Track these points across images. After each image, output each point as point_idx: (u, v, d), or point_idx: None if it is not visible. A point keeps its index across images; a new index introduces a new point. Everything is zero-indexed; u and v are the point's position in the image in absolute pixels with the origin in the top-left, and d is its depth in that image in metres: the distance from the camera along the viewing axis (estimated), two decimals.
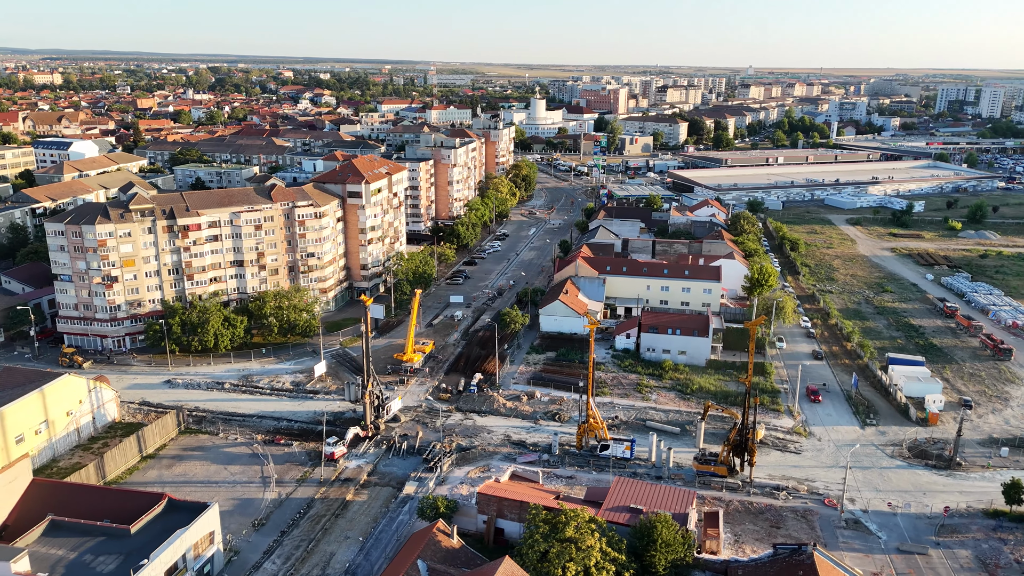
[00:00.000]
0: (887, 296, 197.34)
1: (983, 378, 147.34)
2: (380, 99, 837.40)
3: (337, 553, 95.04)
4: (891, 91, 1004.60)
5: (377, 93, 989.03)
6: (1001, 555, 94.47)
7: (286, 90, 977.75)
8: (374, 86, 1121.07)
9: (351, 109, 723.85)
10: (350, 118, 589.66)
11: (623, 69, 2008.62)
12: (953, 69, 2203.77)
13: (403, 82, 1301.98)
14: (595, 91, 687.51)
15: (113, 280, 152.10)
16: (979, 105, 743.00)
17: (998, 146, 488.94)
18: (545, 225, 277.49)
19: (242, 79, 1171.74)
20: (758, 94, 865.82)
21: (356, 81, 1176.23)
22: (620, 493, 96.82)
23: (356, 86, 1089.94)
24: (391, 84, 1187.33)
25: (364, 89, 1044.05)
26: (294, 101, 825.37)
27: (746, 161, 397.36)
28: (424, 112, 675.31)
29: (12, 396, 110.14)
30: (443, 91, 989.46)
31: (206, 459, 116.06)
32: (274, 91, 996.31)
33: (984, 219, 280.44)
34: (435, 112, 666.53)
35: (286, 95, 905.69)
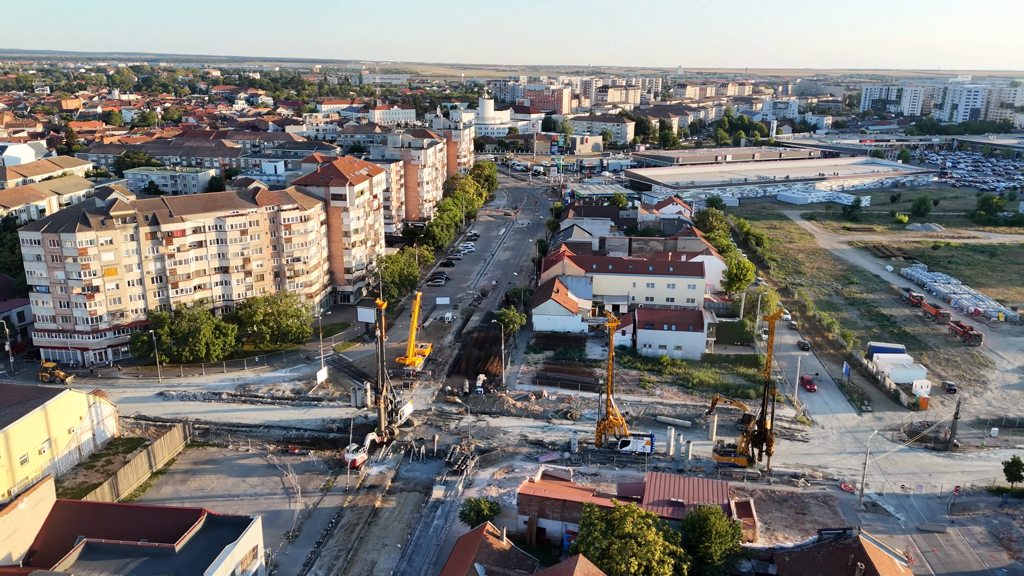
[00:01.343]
0: (854, 287, 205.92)
1: (959, 363, 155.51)
2: (319, 99, 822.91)
3: (379, 561, 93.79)
4: (816, 91, 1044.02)
5: (314, 93, 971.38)
6: (1012, 529, 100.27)
7: (217, 90, 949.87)
8: (309, 86, 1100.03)
9: (291, 109, 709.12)
10: (293, 119, 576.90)
11: (556, 69, 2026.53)
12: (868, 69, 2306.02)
13: (337, 82, 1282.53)
14: (539, 91, 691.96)
15: (94, 290, 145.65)
16: (900, 104, 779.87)
17: (925, 143, 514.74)
18: (513, 225, 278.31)
19: (168, 79, 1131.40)
20: (694, 94, 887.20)
21: (291, 81, 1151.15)
22: (657, 488, 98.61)
23: (291, 86, 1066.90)
24: (326, 84, 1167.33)
25: (299, 89, 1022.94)
26: (229, 101, 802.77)
27: (697, 159, 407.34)
28: (367, 112, 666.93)
29: (14, 415, 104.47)
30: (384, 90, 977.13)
31: (220, 472, 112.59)
32: (205, 91, 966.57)
33: (927, 212, 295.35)
34: (379, 112, 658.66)
35: (219, 95, 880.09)
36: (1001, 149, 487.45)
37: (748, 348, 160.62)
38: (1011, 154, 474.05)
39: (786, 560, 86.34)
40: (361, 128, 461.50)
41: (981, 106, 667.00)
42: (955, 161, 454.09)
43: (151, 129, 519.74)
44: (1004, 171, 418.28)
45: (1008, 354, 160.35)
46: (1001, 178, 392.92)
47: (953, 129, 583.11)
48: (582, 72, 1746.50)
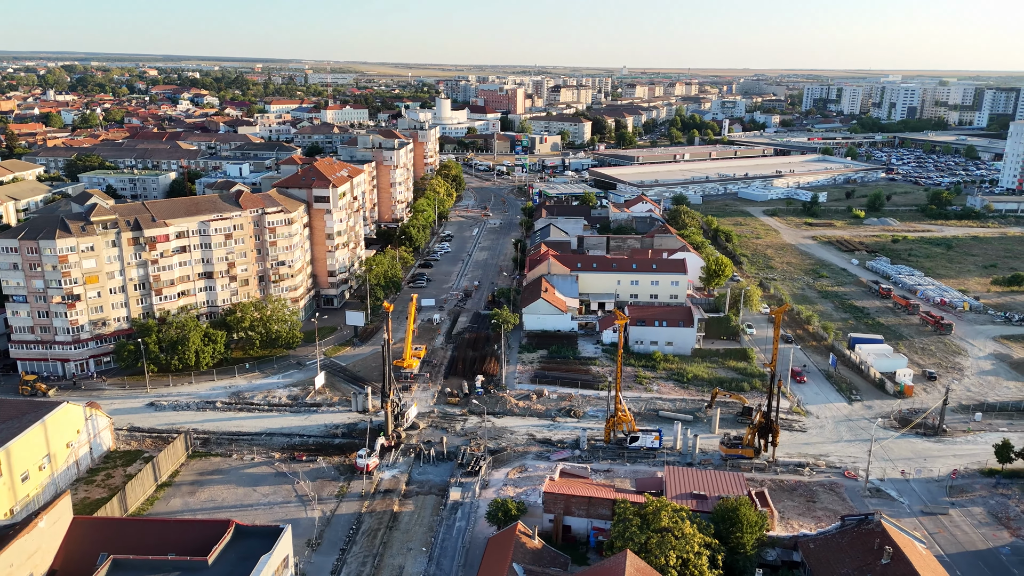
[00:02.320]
0: (825, 281, 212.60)
1: (934, 352, 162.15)
2: (267, 99, 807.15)
3: (406, 565, 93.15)
4: (759, 90, 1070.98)
5: (260, 93, 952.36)
6: (1009, 508, 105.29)
7: (158, 90, 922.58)
8: (254, 85, 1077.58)
9: (240, 110, 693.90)
10: (244, 119, 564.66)
11: (503, 69, 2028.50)
12: (804, 70, 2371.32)
13: (282, 81, 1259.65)
14: (492, 91, 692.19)
15: (75, 299, 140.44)
16: (841, 103, 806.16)
17: (869, 140, 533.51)
18: (486, 225, 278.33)
19: (104, 79, 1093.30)
20: (643, 93, 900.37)
21: (235, 81, 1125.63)
22: (676, 481, 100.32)
23: (235, 86, 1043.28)
24: (272, 84, 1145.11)
25: (245, 89, 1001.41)
26: (172, 102, 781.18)
27: (656, 158, 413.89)
28: (319, 112, 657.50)
29: (12, 430, 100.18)
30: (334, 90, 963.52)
31: (229, 482, 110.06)
32: (144, 91, 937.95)
33: (882, 207, 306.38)
34: (331, 112, 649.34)
35: (160, 95, 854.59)
36: (940, 146, 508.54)
37: (735, 342, 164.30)
38: (950, 150, 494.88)
39: (811, 547, 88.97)
40: (318, 129, 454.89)
41: (917, 104, 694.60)
42: (899, 158, 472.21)
43: (95, 131, 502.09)
44: (946, 167, 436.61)
45: (978, 342, 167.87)
46: (944, 174, 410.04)
47: (893, 127, 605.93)
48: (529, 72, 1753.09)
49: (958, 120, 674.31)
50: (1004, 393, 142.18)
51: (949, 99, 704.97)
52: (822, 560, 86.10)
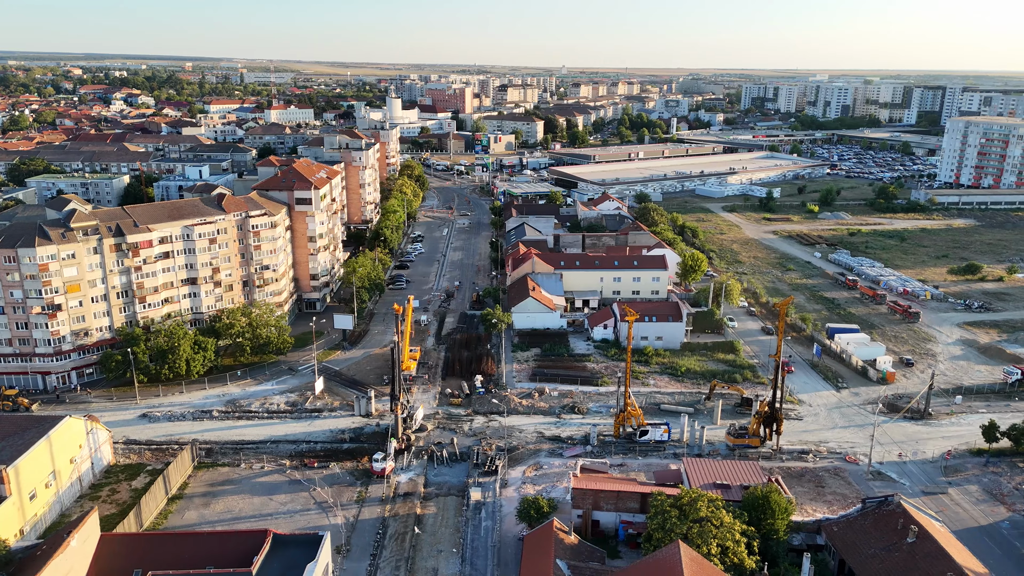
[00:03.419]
0: (792, 274, 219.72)
1: (906, 339, 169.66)
2: (205, 99, 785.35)
3: (440, 568, 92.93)
4: (698, 89, 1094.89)
5: (196, 93, 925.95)
6: (1002, 485, 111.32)
7: (87, 90, 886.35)
8: (188, 85, 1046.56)
9: (178, 110, 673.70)
10: (186, 120, 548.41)
11: (442, 68, 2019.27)
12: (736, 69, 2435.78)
13: (216, 80, 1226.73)
14: (440, 90, 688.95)
15: (56, 308, 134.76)
16: (777, 101, 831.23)
17: (809, 137, 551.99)
18: (454, 225, 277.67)
19: (27, 78, 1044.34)
20: (588, 93, 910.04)
21: (168, 80, 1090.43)
22: (696, 472, 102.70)
23: (168, 85, 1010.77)
24: (207, 83, 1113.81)
25: (179, 89, 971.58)
26: (104, 102, 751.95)
27: (611, 157, 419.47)
28: (262, 112, 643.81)
29: (17, 447, 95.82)
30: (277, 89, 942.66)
31: (242, 492, 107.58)
32: (72, 91, 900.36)
33: (833, 202, 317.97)
34: (275, 112, 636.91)
35: (91, 95, 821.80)
36: (876, 142, 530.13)
37: (719, 336, 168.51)
38: (886, 147, 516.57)
39: (835, 530, 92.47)
40: (268, 129, 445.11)
41: (850, 103, 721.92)
42: (839, 154, 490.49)
43: (28, 133, 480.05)
44: (884, 162, 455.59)
45: (944, 328, 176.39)
46: (884, 169, 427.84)
47: (830, 124, 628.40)
48: (468, 71, 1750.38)
49: (888, 117, 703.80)
50: (977, 377, 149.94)
51: (879, 97, 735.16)
52: (848, 542, 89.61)
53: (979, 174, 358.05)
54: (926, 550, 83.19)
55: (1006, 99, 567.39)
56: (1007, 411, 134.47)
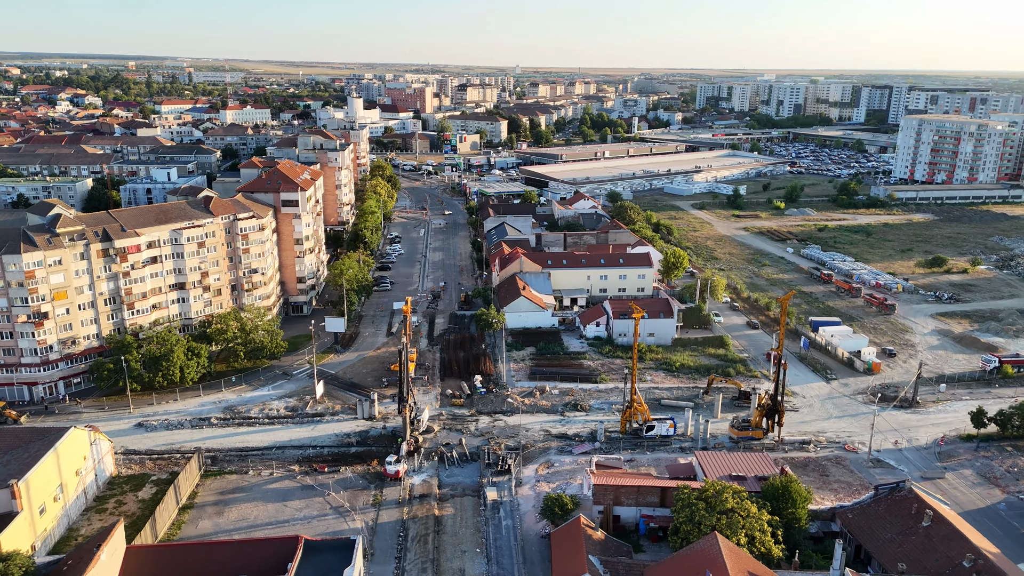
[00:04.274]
0: (768, 269, 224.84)
1: (884, 331, 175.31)
2: (156, 99, 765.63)
3: (466, 568, 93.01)
4: (653, 89, 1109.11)
5: (144, 93, 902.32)
6: (994, 469, 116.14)
7: (29, 90, 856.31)
8: (135, 85, 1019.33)
9: (129, 111, 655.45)
10: (139, 121, 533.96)
11: (395, 67, 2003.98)
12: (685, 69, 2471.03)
13: (163, 80, 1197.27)
14: (400, 90, 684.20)
15: (43, 317, 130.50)
16: (731, 101, 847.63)
17: (766, 136, 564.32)
18: (430, 225, 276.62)
19: None
20: (546, 92, 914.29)
21: (113, 80, 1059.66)
22: (711, 465, 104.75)
23: (115, 85, 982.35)
24: (154, 83, 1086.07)
25: (126, 89, 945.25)
26: (49, 103, 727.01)
27: (578, 156, 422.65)
28: (217, 113, 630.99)
29: (24, 461, 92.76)
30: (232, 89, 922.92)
31: (255, 499, 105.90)
32: (12, 91, 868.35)
33: (798, 199, 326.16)
34: (230, 112, 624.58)
35: (34, 96, 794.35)
36: (831, 140, 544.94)
37: (707, 331, 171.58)
38: (840, 144, 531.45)
39: (849, 516, 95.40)
40: (229, 130, 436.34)
41: (802, 102, 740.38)
42: (797, 152, 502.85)
43: None
44: (840, 159, 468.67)
45: (919, 320, 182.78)
46: (840, 166, 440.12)
47: (785, 123, 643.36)
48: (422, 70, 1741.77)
49: (838, 116, 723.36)
50: (956, 365, 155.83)
51: (829, 96, 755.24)
52: (864, 528, 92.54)
53: (932, 170, 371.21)
54: (942, 532, 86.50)
55: (951, 97, 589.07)
56: (989, 397, 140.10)
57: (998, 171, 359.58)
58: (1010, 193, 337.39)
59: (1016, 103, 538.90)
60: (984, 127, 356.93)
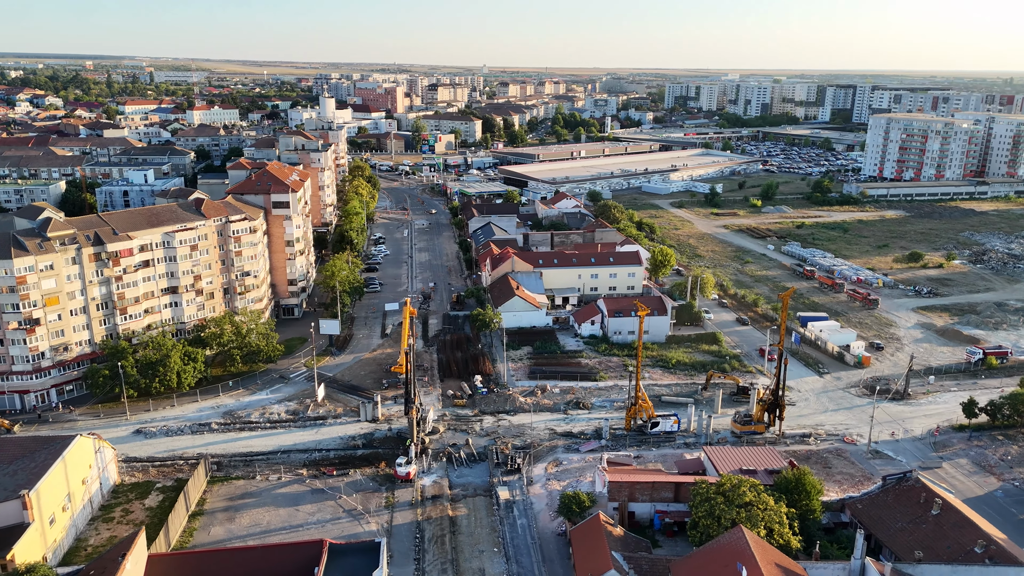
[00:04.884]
0: (752, 266, 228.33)
1: (870, 325, 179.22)
2: (120, 100, 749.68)
3: (486, 568, 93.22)
4: (621, 88, 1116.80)
5: (105, 93, 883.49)
6: (988, 457, 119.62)
7: None
8: (96, 85, 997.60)
9: (92, 111, 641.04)
10: (104, 122, 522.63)
11: (361, 67, 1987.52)
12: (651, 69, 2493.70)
13: (124, 80, 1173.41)
14: (370, 89, 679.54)
15: (35, 323, 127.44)
16: (699, 100, 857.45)
17: (736, 135, 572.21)
18: (413, 226, 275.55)
19: None
20: (516, 92, 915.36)
21: (73, 80, 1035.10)
22: (722, 460, 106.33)
23: (75, 85, 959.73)
24: (115, 83, 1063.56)
25: (86, 89, 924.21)
26: (8, 103, 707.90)
27: (554, 155, 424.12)
28: (183, 113, 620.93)
29: (32, 470, 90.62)
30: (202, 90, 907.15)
31: (265, 504, 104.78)
32: None
33: (774, 196, 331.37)
34: (197, 113, 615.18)
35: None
36: (799, 139, 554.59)
37: (699, 328, 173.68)
38: (808, 143, 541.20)
39: (859, 507, 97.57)
40: (201, 131, 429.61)
41: (769, 101, 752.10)
42: (767, 150, 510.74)
43: None
44: (810, 157, 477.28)
45: (901, 314, 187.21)
46: (811, 164, 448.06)
47: (753, 122, 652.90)
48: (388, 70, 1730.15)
49: (804, 115, 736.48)
50: (941, 358, 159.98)
51: (795, 96, 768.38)
52: (874, 518, 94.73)
53: (901, 168, 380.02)
54: (952, 520, 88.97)
55: (914, 96, 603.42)
56: (975, 388, 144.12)
57: (964, 168, 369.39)
58: (976, 189, 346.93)
59: (976, 102, 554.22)
60: (950, 125, 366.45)
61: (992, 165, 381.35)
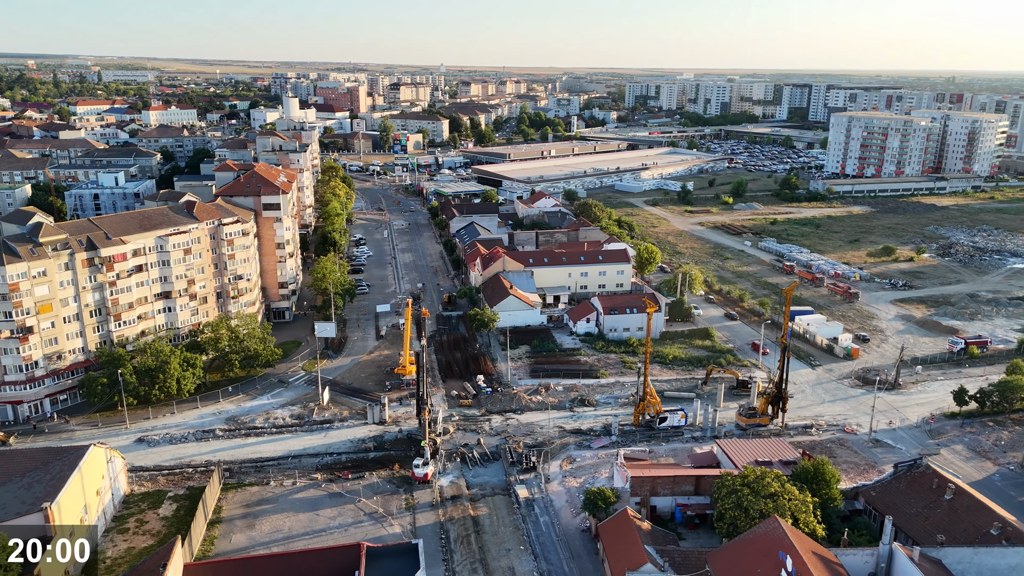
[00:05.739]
0: (732, 262, 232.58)
1: (852, 318, 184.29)
2: (69, 100, 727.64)
3: (515, 566, 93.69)
4: (581, 88, 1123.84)
5: (51, 93, 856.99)
6: (982, 443, 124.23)
7: None
8: (42, 84, 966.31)
9: (41, 112, 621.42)
10: (57, 123, 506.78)
11: (315, 66, 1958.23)
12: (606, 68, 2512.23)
13: (70, 80, 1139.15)
14: (332, 89, 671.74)
15: (28, 331, 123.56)
16: (660, 99, 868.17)
17: (699, 133, 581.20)
18: (392, 226, 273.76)
19: None
20: (479, 91, 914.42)
21: (18, 79, 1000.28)
22: (737, 452, 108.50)
23: (20, 85, 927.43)
24: (63, 83, 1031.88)
25: (32, 89, 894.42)
26: None
27: (525, 155, 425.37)
28: (139, 113, 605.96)
29: (47, 481, 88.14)
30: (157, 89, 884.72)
31: (284, 510, 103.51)
32: None
33: (744, 194, 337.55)
34: (154, 113, 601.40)
35: None
36: (760, 137, 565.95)
37: (691, 324, 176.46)
38: (770, 141, 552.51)
39: (872, 494, 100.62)
40: (164, 132, 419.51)
41: (728, 100, 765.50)
42: (731, 148, 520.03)
43: None
44: (772, 155, 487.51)
45: (881, 306, 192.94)
46: (775, 161, 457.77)
47: (715, 121, 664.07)
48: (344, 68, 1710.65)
49: (762, 113, 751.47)
50: (924, 348, 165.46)
51: (753, 95, 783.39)
52: (888, 504, 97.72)
53: (862, 164, 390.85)
54: (965, 504, 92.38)
55: (868, 95, 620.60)
56: (961, 377, 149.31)
57: (923, 164, 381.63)
58: (935, 185, 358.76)
59: (928, 100, 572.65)
60: (910, 123, 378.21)
61: (948, 161, 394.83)
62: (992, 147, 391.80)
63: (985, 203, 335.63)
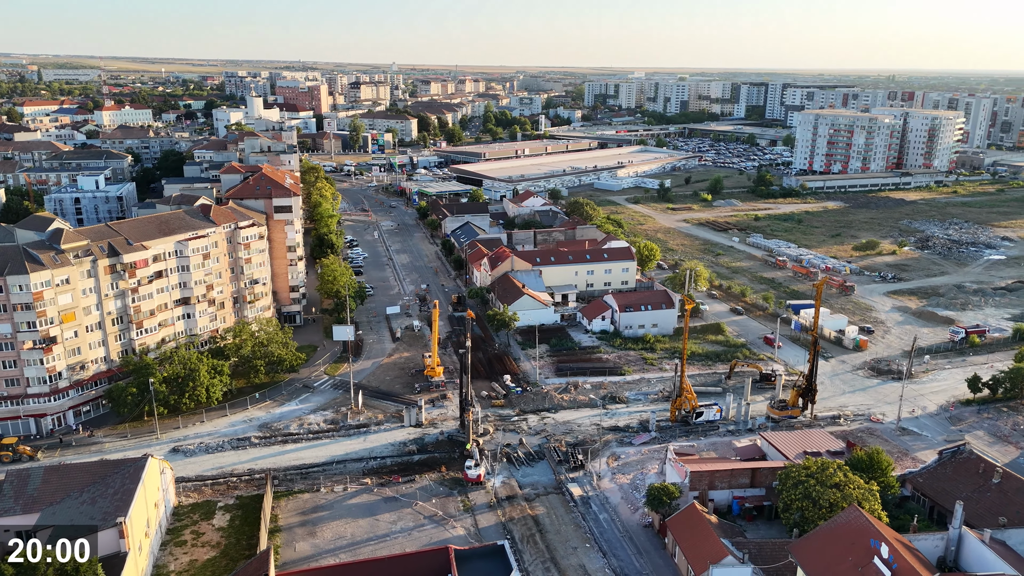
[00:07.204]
0: (724, 258, 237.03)
1: (851, 310, 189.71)
2: (18, 100, 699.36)
3: (586, 563, 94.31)
4: (538, 87, 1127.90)
5: None
6: (1000, 428, 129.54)
7: None
8: None
9: None
10: (8, 124, 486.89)
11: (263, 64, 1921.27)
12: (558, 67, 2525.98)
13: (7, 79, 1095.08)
14: (292, 88, 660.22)
15: (51, 341, 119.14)
16: (619, 98, 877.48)
17: (664, 131, 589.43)
18: (380, 228, 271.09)
19: None
20: (439, 90, 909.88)
21: None
22: (785, 444, 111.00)
23: None
24: (1, 82, 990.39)
25: None
26: None
27: (499, 154, 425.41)
28: (91, 114, 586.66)
29: (110, 496, 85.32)
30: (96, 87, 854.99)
31: (341, 516, 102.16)
32: None
33: (722, 191, 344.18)
34: (107, 113, 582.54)
35: None
36: (724, 135, 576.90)
37: (700, 319, 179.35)
38: (733, 138, 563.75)
39: (919, 480, 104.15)
40: (130, 133, 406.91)
41: (687, 98, 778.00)
42: (698, 146, 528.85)
43: None
44: (738, 153, 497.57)
45: (876, 298, 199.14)
46: (741, 158, 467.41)
47: (676, 119, 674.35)
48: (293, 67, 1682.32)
49: (721, 111, 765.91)
50: (926, 338, 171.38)
51: (711, 93, 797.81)
52: (938, 490, 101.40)
53: (829, 161, 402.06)
54: (1014, 487, 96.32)
55: (824, 93, 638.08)
56: (966, 364, 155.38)
57: (887, 160, 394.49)
58: (901, 180, 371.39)
59: (883, 98, 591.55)
60: (874, 120, 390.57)
61: (909, 157, 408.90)
62: (951, 143, 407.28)
63: (950, 197, 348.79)
